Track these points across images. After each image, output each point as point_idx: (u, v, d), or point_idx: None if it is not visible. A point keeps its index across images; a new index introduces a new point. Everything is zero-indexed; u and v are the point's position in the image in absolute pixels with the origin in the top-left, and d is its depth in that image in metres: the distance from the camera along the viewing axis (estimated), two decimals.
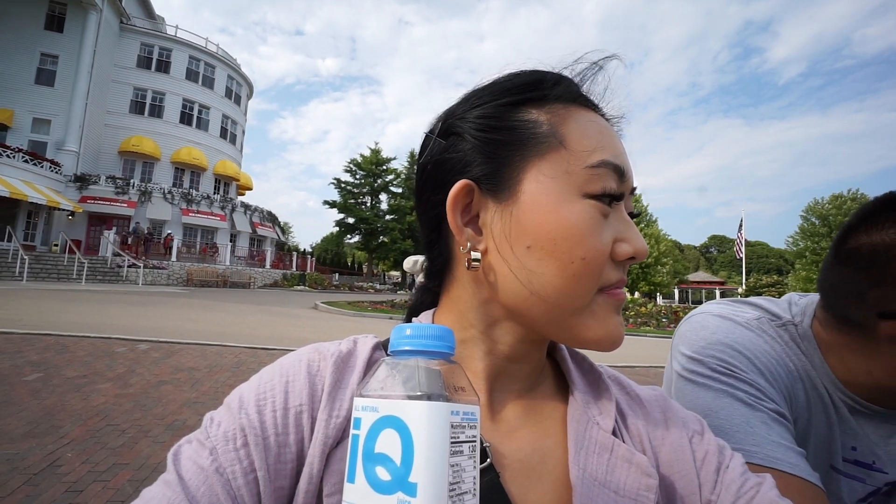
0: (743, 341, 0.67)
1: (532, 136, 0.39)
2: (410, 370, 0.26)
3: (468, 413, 0.26)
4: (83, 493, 2.36)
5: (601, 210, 0.38)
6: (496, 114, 0.40)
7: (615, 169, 0.38)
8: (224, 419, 0.39)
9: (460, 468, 0.25)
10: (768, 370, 0.65)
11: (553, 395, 0.46)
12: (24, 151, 20.03)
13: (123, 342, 6.08)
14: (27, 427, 3.10)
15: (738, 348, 0.66)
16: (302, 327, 10.02)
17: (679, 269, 51.75)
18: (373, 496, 0.24)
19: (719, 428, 0.60)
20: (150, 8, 31.43)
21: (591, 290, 0.38)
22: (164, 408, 3.72)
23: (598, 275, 0.38)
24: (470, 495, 0.25)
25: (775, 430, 0.59)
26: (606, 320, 0.39)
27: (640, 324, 15.68)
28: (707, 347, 0.67)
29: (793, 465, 0.55)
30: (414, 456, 0.23)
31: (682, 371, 0.68)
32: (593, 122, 0.40)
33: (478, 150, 0.40)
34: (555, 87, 0.41)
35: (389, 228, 37.14)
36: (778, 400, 0.63)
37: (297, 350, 0.45)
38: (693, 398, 0.64)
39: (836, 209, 36.73)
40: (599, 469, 0.40)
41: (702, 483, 0.42)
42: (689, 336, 0.71)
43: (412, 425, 0.24)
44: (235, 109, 32.76)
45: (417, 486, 0.23)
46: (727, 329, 0.69)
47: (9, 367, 4.45)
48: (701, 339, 0.69)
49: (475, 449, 0.26)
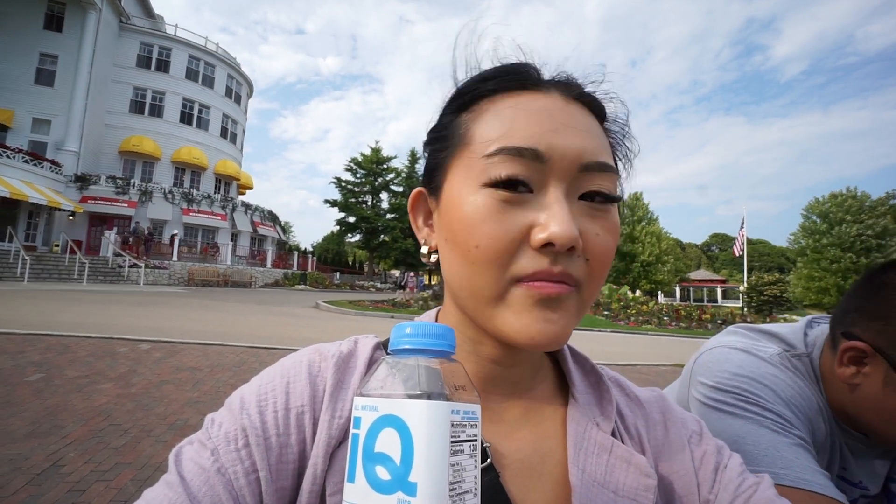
0: (767, 376, 0.69)
1: (452, 138, 0.42)
2: (410, 369, 0.26)
3: (469, 412, 0.26)
4: (86, 492, 2.37)
5: (501, 197, 0.36)
6: (437, 125, 0.45)
7: (517, 152, 0.36)
8: (225, 420, 0.39)
9: (461, 467, 0.24)
10: (792, 403, 0.67)
11: (553, 395, 0.46)
12: (25, 152, 20.02)
13: (125, 342, 6.08)
14: (30, 427, 3.10)
15: (763, 381, 0.68)
16: (303, 326, 10.03)
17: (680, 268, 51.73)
18: (373, 496, 0.24)
19: (747, 453, 0.61)
20: (149, 7, 31.38)
21: (497, 278, 0.36)
22: (166, 407, 3.73)
23: (500, 263, 0.35)
24: (471, 495, 0.25)
25: (801, 454, 0.60)
26: (523, 314, 0.35)
27: (641, 322, 15.67)
28: (732, 379, 0.69)
29: (822, 485, 0.57)
30: (414, 455, 0.23)
31: (704, 399, 0.70)
32: (513, 108, 0.38)
33: (427, 160, 0.46)
34: (486, 83, 0.41)
35: (390, 227, 37.10)
36: (802, 430, 0.65)
37: (297, 351, 0.46)
38: (718, 425, 0.66)
39: (838, 206, 36.68)
40: (598, 469, 0.40)
41: (700, 483, 0.42)
42: (712, 367, 0.72)
43: (412, 424, 0.24)
44: (235, 109, 32.73)
45: (417, 485, 0.23)
46: (752, 364, 0.70)
47: (11, 368, 4.46)
48: (724, 372, 0.70)
49: (476, 448, 0.26)
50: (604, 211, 0.38)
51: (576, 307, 0.37)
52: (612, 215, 0.39)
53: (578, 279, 0.36)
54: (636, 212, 42.37)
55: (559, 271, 0.35)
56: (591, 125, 0.40)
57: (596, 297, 0.40)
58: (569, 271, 0.35)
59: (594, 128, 0.40)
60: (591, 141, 0.38)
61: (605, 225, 0.38)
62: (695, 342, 12.04)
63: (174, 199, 25.16)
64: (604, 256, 0.37)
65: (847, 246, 34.65)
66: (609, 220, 0.38)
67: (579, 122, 0.38)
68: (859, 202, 36.20)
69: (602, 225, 0.38)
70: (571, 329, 0.37)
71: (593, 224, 0.37)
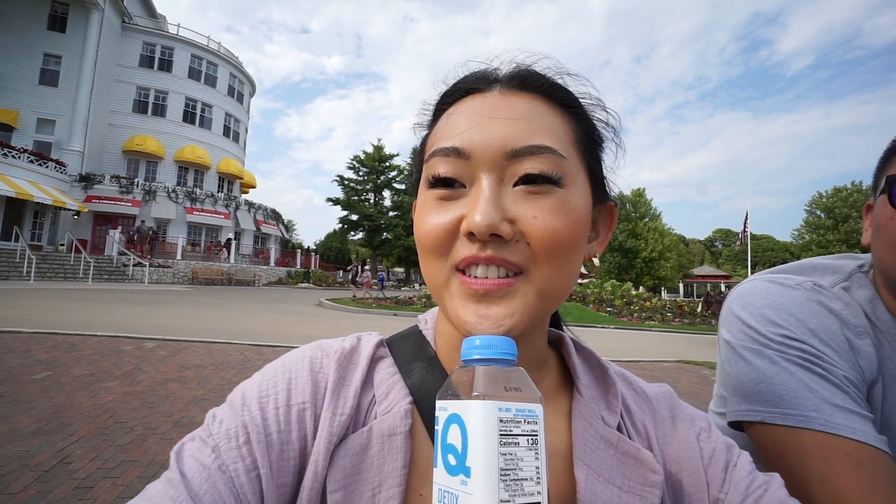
0: (793, 304, 0.64)
1: (422, 153, 0.44)
2: (469, 375, 0.31)
3: (523, 410, 0.29)
4: (93, 489, 2.39)
5: (438, 196, 0.39)
6: (422, 141, 0.47)
7: (444, 153, 0.38)
8: (226, 416, 0.39)
9: (516, 457, 0.28)
10: (823, 331, 0.61)
11: (557, 389, 0.46)
12: (30, 152, 20.14)
13: (130, 340, 6.13)
14: (37, 425, 3.13)
15: (789, 310, 0.63)
16: (307, 324, 10.06)
17: (684, 263, 51.56)
18: (447, 477, 0.29)
19: (775, 394, 0.57)
20: (151, 7, 31.44)
21: (440, 267, 0.39)
22: (171, 405, 3.76)
23: (439, 253, 0.38)
24: (532, 482, 0.28)
25: (836, 393, 0.55)
26: (459, 307, 0.37)
27: (644, 318, 15.63)
28: (757, 312, 0.64)
29: (856, 430, 0.52)
30: (469, 445, 0.28)
31: (731, 339, 0.66)
32: (452, 114, 0.41)
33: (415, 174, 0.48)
34: (445, 99, 0.44)
35: (393, 225, 37.13)
36: (836, 361, 0.58)
37: (300, 347, 0.45)
38: (745, 367, 0.62)
39: (842, 201, 36.41)
40: (604, 465, 0.40)
41: (709, 481, 0.42)
42: (740, 302, 0.68)
43: (467, 420, 0.28)
44: (238, 107, 32.78)
45: (471, 469, 0.27)
46: (776, 292, 0.66)
47: (18, 366, 4.50)
48: (749, 305, 0.66)
49: (537, 442, 0.29)
50: (542, 193, 0.37)
51: (527, 295, 0.37)
52: (554, 196, 0.37)
53: (520, 264, 0.36)
54: (639, 208, 42.22)
55: (487, 256, 0.36)
56: (530, 111, 0.39)
57: (562, 281, 0.38)
58: (502, 256, 0.36)
59: (532, 113, 0.39)
60: (519, 127, 0.37)
61: (545, 206, 0.36)
62: (698, 338, 12.00)
63: (178, 198, 25.26)
64: (546, 239, 0.36)
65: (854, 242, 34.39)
66: (550, 201, 0.37)
67: (511, 112, 0.38)
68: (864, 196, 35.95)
69: (542, 206, 0.36)
70: (523, 317, 0.36)
71: (531, 207, 0.36)
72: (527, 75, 0.41)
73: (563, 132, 0.39)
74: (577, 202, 0.38)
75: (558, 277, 0.38)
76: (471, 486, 0.27)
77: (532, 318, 0.37)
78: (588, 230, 0.41)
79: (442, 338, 0.46)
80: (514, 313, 0.36)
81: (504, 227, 0.35)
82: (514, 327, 0.36)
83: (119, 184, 23.72)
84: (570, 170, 0.38)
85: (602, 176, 0.44)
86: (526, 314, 0.36)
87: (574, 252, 0.38)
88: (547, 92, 0.41)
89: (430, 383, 0.42)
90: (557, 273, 0.37)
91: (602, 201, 0.45)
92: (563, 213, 0.37)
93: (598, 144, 0.43)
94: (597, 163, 0.43)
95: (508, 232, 0.36)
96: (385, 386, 0.42)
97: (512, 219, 0.36)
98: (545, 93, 0.41)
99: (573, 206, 0.38)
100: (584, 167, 0.41)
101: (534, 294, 0.37)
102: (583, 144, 0.41)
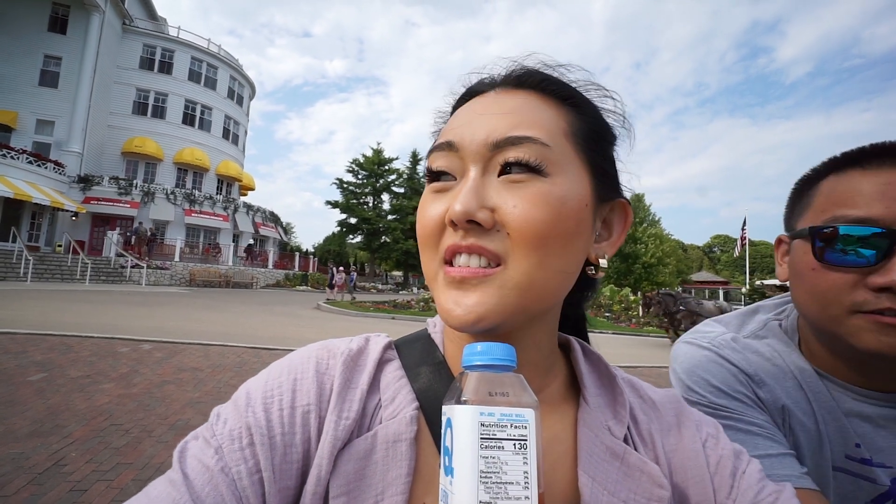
0: (700, 367, 0.69)
1: None
2: (462, 381, 0.32)
3: (508, 415, 0.29)
4: (87, 492, 2.37)
5: (432, 188, 0.41)
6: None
7: (438, 148, 0.41)
8: (231, 416, 0.38)
9: (499, 461, 0.28)
10: (726, 386, 0.66)
11: (564, 397, 0.45)
12: (28, 153, 20.08)
13: (127, 342, 6.10)
14: (32, 426, 3.11)
15: (698, 373, 0.68)
16: (304, 327, 10.03)
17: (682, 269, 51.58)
18: (444, 477, 0.31)
19: None
20: (152, 9, 31.50)
21: (431, 258, 0.40)
22: (167, 408, 3.74)
23: (431, 244, 0.40)
24: (518, 487, 0.28)
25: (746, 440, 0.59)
26: (441, 293, 0.38)
27: (642, 324, 15.62)
28: (678, 378, 0.70)
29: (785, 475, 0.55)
30: (453, 447, 0.29)
31: None
32: (458, 113, 0.43)
33: None
34: (458, 103, 0.46)
35: (391, 228, 37.11)
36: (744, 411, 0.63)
37: (307, 346, 0.45)
38: None
39: None
40: (609, 477, 0.38)
41: (716, 488, 0.41)
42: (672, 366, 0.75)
43: (454, 424, 0.30)
44: (238, 110, 32.79)
45: (454, 470, 0.29)
46: (689, 355, 0.72)
47: (14, 367, 4.47)
48: (675, 371, 0.72)
49: (527, 447, 0.29)
50: (523, 181, 0.37)
51: (504, 287, 0.36)
52: (535, 185, 0.36)
53: (499, 254, 0.36)
54: (638, 213, 42.30)
55: (468, 245, 0.36)
56: (521, 106, 0.39)
57: (545, 276, 0.37)
58: (482, 244, 0.36)
59: (522, 107, 0.39)
60: (505, 120, 0.38)
61: (526, 195, 0.36)
62: None
63: (176, 199, 25.20)
64: (524, 228, 0.35)
65: None
66: (531, 190, 0.36)
67: (500, 108, 0.39)
68: None
69: (522, 196, 0.36)
70: (497, 308, 0.36)
71: (511, 196, 0.36)
72: (521, 73, 0.42)
73: (554, 123, 0.39)
74: (565, 194, 0.37)
75: (540, 271, 0.36)
76: (454, 486, 0.28)
77: (509, 311, 0.36)
78: (584, 226, 0.39)
79: (450, 341, 0.45)
80: (486, 303, 0.35)
81: (481, 214, 0.35)
82: (484, 316, 0.35)
83: (118, 185, 23.65)
84: (557, 160, 0.38)
85: (608, 171, 0.43)
86: (501, 306, 0.36)
87: (559, 246, 0.37)
88: (541, 87, 0.41)
89: (437, 388, 0.41)
90: (539, 267, 0.36)
91: (611, 198, 0.43)
92: (544, 203, 0.36)
93: (601, 138, 0.43)
94: (600, 156, 0.42)
95: (486, 219, 0.35)
96: (392, 390, 0.41)
97: (492, 207, 0.36)
98: (539, 88, 0.41)
99: (557, 197, 0.37)
100: (581, 159, 0.40)
101: (512, 286, 0.36)
102: (580, 136, 0.41)
